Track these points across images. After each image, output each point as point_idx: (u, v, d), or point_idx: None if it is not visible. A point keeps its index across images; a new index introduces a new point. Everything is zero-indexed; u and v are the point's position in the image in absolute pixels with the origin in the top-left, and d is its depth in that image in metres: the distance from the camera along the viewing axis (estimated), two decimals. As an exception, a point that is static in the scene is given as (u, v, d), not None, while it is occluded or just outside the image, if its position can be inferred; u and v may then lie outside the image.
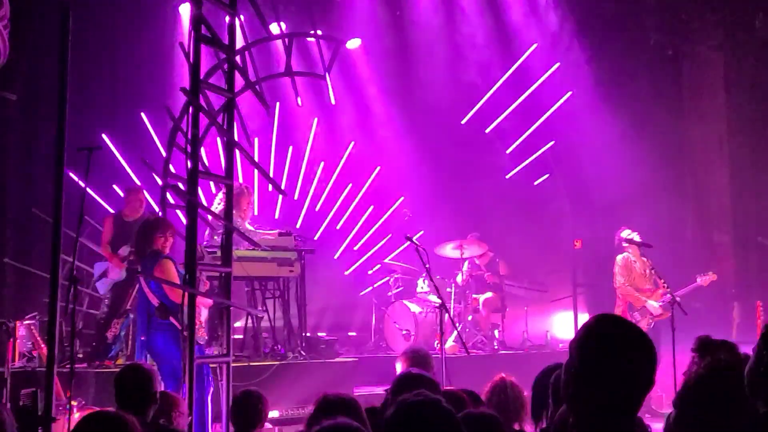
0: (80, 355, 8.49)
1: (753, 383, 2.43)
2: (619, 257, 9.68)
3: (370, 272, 11.66)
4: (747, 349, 2.70)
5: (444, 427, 2.50)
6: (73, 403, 6.11)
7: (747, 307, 10.39)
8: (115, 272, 8.80)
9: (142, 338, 6.74)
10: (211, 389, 6.39)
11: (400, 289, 11.35)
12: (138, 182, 9.97)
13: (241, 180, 10.93)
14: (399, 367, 5.32)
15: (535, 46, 12.66)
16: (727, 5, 12.43)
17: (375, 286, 11.52)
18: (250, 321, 9.48)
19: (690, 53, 13.03)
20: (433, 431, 2.49)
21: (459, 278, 11.07)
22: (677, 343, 7.31)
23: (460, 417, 3.38)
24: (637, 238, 9.46)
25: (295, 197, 12.33)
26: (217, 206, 8.58)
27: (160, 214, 6.69)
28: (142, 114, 10.84)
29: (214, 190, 10.24)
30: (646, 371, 2.37)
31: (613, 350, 2.36)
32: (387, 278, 11.47)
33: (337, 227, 12.65)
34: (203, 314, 7.07)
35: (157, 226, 6.69)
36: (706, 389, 2.74)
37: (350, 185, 12.66)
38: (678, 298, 8.47)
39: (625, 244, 9.58)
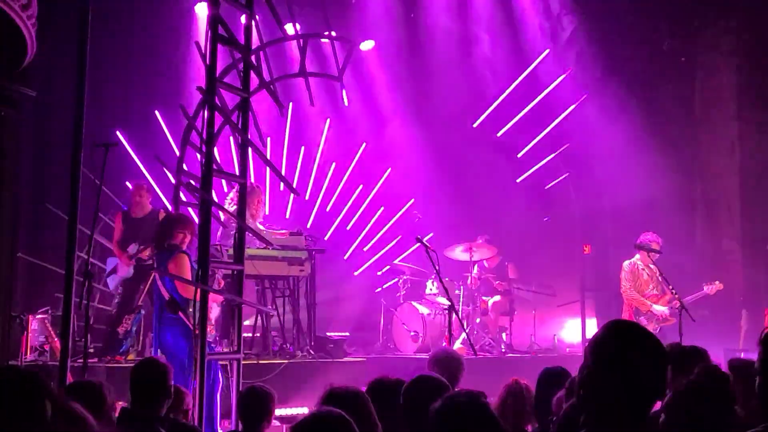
0: (91, 350, 8.56)
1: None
2: (625, 263, 9.68)
3: (379, 273, 11.68)
4: (755, 356, 2.76)
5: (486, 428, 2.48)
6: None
7: (755, 314, 10.37)
8: (123, 269, 8.92)
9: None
10: (221, 385, 6.44)
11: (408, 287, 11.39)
12: (150, 179, 10.06)
13: (252, 179, 10.97)
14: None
15: (547, 51, 12.67)
16: (740, 12, 12.42)
17: (384, 287, 11.54)
18: (259, 319, 9.53)
19: (703, 60, 13.01)
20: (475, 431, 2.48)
21: (469, 281, 11.09)
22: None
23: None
24: (655, 246, 9.44)
25: (307, 197, 12.38)
26: (228, 205, 8.64)
27: (173, 211, 6.73)
28: (157, 112, 10.92)
29: (225, 188, 10.29)
30: (655, 378, 2.43)
31: (626, 355, 2.42)
32: (396, 279, 11.51)
33: (348, 228, 12.70)
34: (214, 312, 7.11)
35: (179, 221, 6.75)
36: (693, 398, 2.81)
37: (361, 186, 12.72)
38: (686, 305, 8.47)
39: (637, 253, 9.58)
